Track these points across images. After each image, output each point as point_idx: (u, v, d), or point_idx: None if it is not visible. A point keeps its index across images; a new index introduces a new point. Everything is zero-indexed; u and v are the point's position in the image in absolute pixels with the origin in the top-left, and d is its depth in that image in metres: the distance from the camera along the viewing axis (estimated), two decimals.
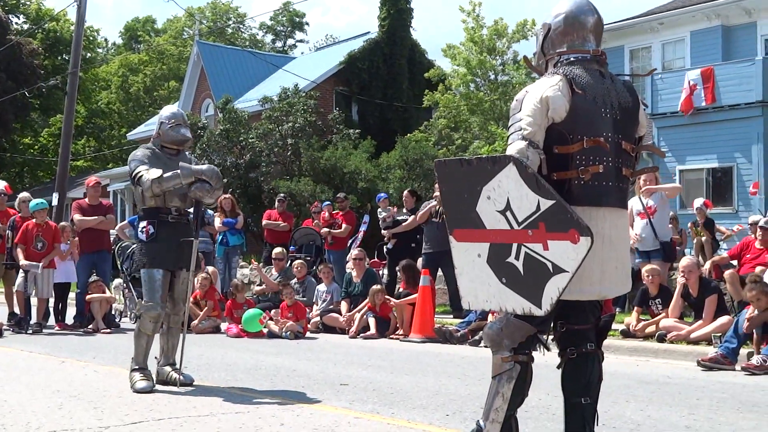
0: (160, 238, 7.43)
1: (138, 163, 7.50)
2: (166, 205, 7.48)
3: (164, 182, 7.29)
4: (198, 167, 7.46)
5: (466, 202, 4.19)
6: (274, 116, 27.21)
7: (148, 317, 7.41)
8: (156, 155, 7.64)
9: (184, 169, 7.30)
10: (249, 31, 62.22)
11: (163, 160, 7.59)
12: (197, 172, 7.35)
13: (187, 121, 8.10)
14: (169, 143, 7.74)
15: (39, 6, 52.32)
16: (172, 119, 7.75)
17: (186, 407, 6.43)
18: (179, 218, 7.58)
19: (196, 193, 7.38)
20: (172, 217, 7.52)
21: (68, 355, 9.95)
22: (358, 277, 13.47)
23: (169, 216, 7.50)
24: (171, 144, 7.75)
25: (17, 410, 6.27)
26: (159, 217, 7.47)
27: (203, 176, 7.35)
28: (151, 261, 7.43)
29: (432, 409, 6.38)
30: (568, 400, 4.47)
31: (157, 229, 7.44)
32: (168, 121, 7.73)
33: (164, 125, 7.72)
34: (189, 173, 7.31)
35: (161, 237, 7.43)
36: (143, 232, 7.48)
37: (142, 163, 7.49)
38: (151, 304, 7.41)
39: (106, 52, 64.12)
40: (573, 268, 3.87)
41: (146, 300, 7.45)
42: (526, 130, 4.22)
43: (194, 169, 7.36)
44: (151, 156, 7.61)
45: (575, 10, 4.48)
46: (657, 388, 7.54)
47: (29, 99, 44.05)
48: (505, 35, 29.08)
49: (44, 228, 13.03)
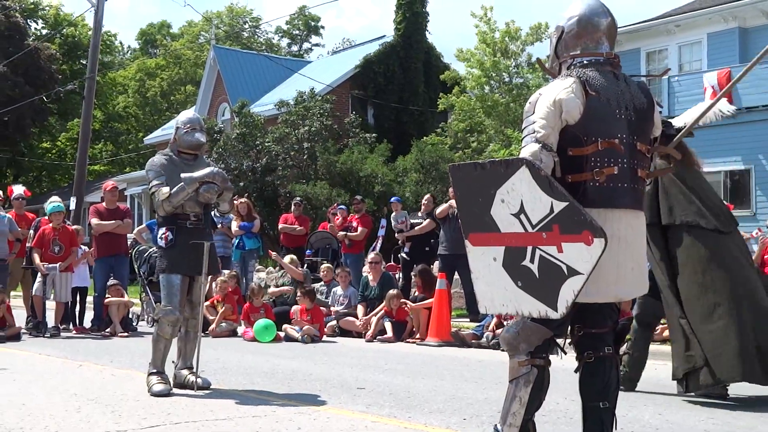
0: (179, 244, 7.49)
1: (154, 175, 7.58)
2: (184, 211, 7.53)
3: (173, 198, 7.40)
4: (199, 172, 7.51)
5: (480, 205, 4.19)
6: (291, 120, 27.26)
7: (166, 321, 7.45)
8: (173, 162, 7.68)
9: (186, 179, 7.41)
10: (265, 35, 62.43)
11: (180, 166, 7.62)
12: (199, 177, 7.45)
13: (204, 125, 8.13)
14: (185, 148, 7.79)
15: (57, 11, 52.61)
16: (188, 124, 7.80)
17: (203, 411, 6.44)
18: (197, 223, 7.62)
19: (205, 196, 7.48)
20: (190, 223, 7.57)
21: (85, 358, 9.99)
22: (375, 281, 13.47)
23: (187, 222, 7.56)
24: (187, 149, 7.80)
25: (35, 413, 6.30)
26: (177, 223, 7.53)
27: (206, 179, 7.45)
28: (170, 267, 7.49)
29: (449, 413, 6.37)
30: (586, 404, 4.45)
31: (176, 236, 7.50)
32: (184, 126, 7.78)
33: (180, 130, 7.77)
34: (191, 181, 7.41)
35: (180, 243, 7.49)
36: (162, 239, 7.54)
37: (157, 175, 7.56)
38: (169, 308, 7.45)
39: (123, 57, 64.43)
40: (588, 270, 3.86)
41: (165, 304, 7.50)
42: (539, 132, 4.22)
43: (196, 176, 7.44)
44: (167, 164, 7.64)
45: (588, 13, 4.48)
46: (675, 391, 7.50)
47: (47, 103, 44.28)
48: (518, 38, 29.05)
49: (61, 231, 13.09)
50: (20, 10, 46.41)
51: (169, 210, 7.44)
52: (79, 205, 23.97)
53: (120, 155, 52.23)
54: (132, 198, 36.79)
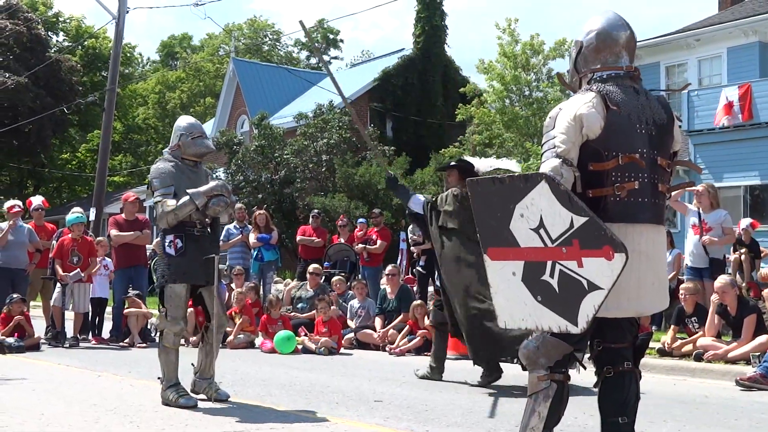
0: (188, 252, 7.38)
1: (160, 184, 7.42)
2: (190, 219, 7.41)
3: (179, 211, 7.27)
4: (207, 186, 7.40)
5: (499, 220, 4.18)
6: (309, 132, 27.35)
7: (171, 332, 7.39)
8: (179, 169, 7.55)
9: (195, 195, 7.27)
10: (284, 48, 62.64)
11: (186, 173, 7.54)
12: (207, 191, 7.34)
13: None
14: (192, 156, 7.66)
15: (79, 23, 53.00)
16: (192, 131, 7.67)
17: (221, 422, 6.45)
18: (203, 231, 7.53)
19: (215, 209, 7.37)
20: (197, 231, 7.46)
21: (104, 369, 10.02)
22: (393, 294, 13.46)
23: (194, 230, 7.45)
24: (193, 156, 7.68)
25: (54, 424, 6.32)
26: (186, 230, 7.41)
27: (214, 192, 7.35)
28: (175, 275, 7.36)
29: (467, 427, 6.35)
30: (605, 419, 4.44)
31: (185, 243, 7.40)
32: (188, 133, 7.63)
33: (184, 137, 7.60)
34: (200, 195, 7.29)
35: (189, 251, 7.38)
36: (171, 246, 7.39)
37: (164, 185, 7.40)
38: (174, 318, 7.38)
39: (143, 69, 64.81)
40: (608, 285, 3.85)
41: (170, 315, 7.40)
42: (560, 147, 4.21)
43: (204, 190, 7.33)
44: (175, 172, 7.51)
45: (607, 27, 4.47)
46: (695, 407, 7.46)
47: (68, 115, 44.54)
48: (540, 51, 29.02)
49: (80, 242, 13.16)
50: (42, 22, 46.77)
51: (172, 223, 7.30)
52: (98, 216, 24.08)
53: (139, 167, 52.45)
54: (151, 209, 36.88)
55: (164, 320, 7.45)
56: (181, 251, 7.37)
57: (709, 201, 11.78)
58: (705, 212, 11.77)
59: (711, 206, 11.81)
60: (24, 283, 13.48)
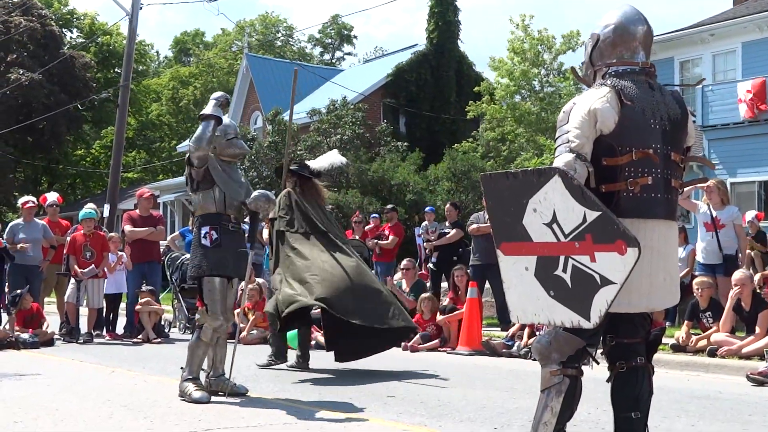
0: (223, 244, 7.36)
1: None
2: (225, 212, 7.43)
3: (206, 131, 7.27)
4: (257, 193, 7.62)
5: (512, 215, 4.16)
6: (323, 128, 27.37)
7: (211, 327, 7.33)
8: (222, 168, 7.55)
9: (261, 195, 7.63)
10: (298, 44, 62.62)
11: (227, 171, 7.57)
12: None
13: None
14: (228, 157, 7.65)
15: (93, 20, 53.10)
16: (227, 132, 7.63)
17: (234, 418, 6.47)
18: (237, 227, 7.58)
19: (257, 204, 7.48)
20: (232, 226, 7.48)
21: (118, 364, 10.06)
22: (408, 287, 13.47)
23: (229, 224, 7.45)
24: (230, 158, 7.69)
25: (68, 419, 6.35)
26: (221, 223, 7.40)
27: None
28: (215, 268, 7.31)
29: (480, 422, 6.35)
30: (618, 414, 4.43)
31: (220, 236, 7.38)
32: (223, 134, 7.55)
33: (219, 138, 7.50)
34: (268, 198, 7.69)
35: (223, 243, 7.36)
36: (206, 238, 7.33)
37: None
38: (214, 313, 7.33)
39: (157, 65, 64.90)
40: (621, 279, 3.83)
41: (211, 310, 7.34)
42: (573, 142, 4.20)
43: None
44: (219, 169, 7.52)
45: (625, 21, 4.44)
46: (708, 403, 7.44)
47: (81, 111, 44.72)
48: (552, 45, 28.95)
49: (92, 237, 13.21)
50: (56, 19, 46.90)
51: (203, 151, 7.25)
52: (112, 212, 24.16)
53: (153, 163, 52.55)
54: (165, 205, 37.02)
55: (205, 315, 7.41)
56: (217, 243, 7.34)
57: (719, 197, 11.71)
58: (716, 209, 11.69)
59: (722, 202, 11.74)
60: (38, 280, 13.56)
